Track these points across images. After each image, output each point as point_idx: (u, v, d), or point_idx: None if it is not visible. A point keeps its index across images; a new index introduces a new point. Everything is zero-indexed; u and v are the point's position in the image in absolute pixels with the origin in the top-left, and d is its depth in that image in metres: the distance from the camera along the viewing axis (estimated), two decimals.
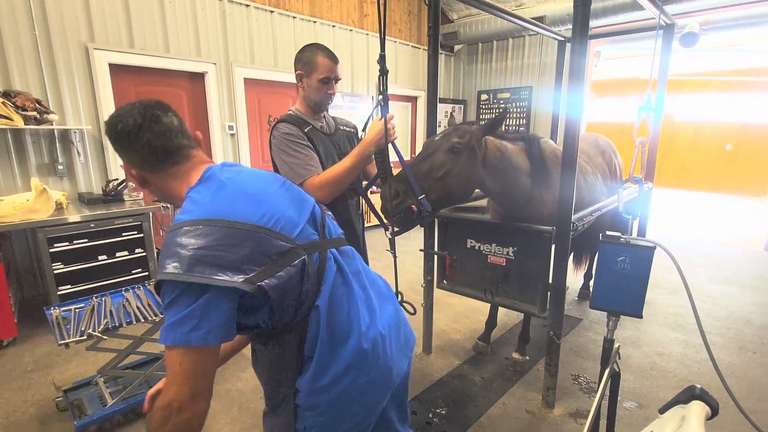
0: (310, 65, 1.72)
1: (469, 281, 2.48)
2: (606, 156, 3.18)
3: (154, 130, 0.93)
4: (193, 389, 0.80)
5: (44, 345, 2.90)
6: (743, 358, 2.78)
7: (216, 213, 0.85)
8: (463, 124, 2.00)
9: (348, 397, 0.97)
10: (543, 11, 5.62)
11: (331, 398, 0.96)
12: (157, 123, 0.94)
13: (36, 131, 3.44)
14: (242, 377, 2.55)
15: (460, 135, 1.90)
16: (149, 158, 0.95)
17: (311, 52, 1.73)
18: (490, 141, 2.04)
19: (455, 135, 1.90)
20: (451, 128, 1.95)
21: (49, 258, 2.96)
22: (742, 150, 9.45)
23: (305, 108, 1.82)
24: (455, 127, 1.96)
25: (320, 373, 0.95)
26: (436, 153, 1.86)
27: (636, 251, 1.20)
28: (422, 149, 1.93)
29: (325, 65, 1.70)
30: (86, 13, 3.59)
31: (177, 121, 0.98)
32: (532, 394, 2.39)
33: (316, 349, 0.94)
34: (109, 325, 1.95)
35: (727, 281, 4.19)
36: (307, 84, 1.75)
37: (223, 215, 0.85)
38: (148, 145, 0.93)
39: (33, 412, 2.22)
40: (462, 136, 1.90)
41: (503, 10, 2.80)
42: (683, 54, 6.29)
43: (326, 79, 1.72)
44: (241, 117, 4.77)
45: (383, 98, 1.59)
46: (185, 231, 0.82)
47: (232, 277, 0.80)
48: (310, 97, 1.77)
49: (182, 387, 0.79)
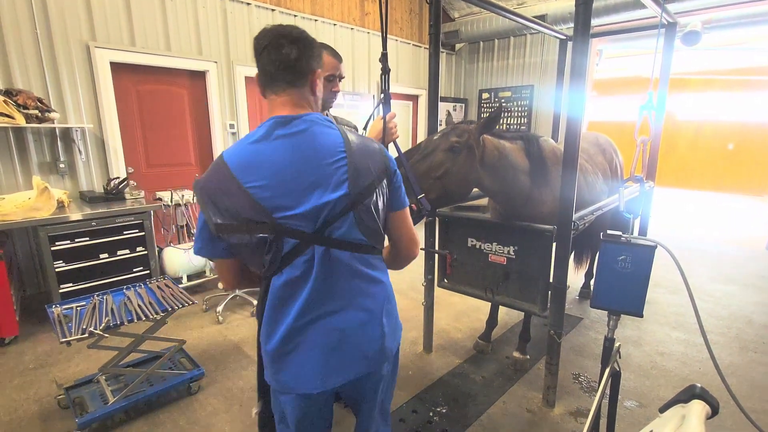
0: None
1: (470, 280, 2.48)
2: (607, 155, 3.18)
3: (270, 56, 1.01)
4: (220, 278, 1.15)
5: (46, 343, 2.91)
6: (744, 358, 2.78)
7: (231, 159, 0.99)
8: (462, 123, 2.00)
9: (284, 377, 1.06)
10: (545, 10, 5.61)
11: (273, 368, 1.06)
12: (275, 51, 1.00)
13: (37, 130, 3.44)
14: (243, 375, 2.56)
15: (458, 134, 1.90)
16: (260, 78, 1.07)
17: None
18: (488, 140, 2.04)
19: (454, 134, 1.90)
20: (449, 127, 1.95)
21: (51, 256, 2.97)
22: (743, 149, 9.42)
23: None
24: (453, 126, 1.96)
25: (266, 337, 1.06)
26: (435, 152, 1.86)
27: (637, 250, 1.20)
28: (421, 148, 1.93)
29: (330, 63, 1.71)
30: (87, 11, 3.59)
31: (295, 55, 1.01)
32: (532, 393, 2.39)
33: (264, 312, 1.05)
34: (111, 323, 1.95)
35: (728, 280, 4.19)
36: None
37: (233, 165, 0.98)
38: (261, 68, 1.04)
39: (35, 410, 2.23)
40: (460, 135, 1.90)
41: (505, 8, 2.79)
42: (685, 53, 6.27)
43: (331, 77, 1.73)
44: (242, 116, 4.77)
45: (384, 97, 1.60)
46: (215, 160, 1.02)
47: (212, 215, 0.98)
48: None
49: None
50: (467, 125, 1.96)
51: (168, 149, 4.37)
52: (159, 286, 2.40)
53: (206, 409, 2.25)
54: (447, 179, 1.86)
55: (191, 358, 2.51)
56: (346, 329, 1.05)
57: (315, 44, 1.07)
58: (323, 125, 1.05)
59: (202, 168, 4.65)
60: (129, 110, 4.02)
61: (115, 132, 3.87)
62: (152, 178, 4.28)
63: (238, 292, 3.56)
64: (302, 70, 1.04)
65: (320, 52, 1.11)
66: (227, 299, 3.47)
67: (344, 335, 1.05)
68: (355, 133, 1.11)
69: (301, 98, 1.06)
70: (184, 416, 2.19)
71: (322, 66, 1.13)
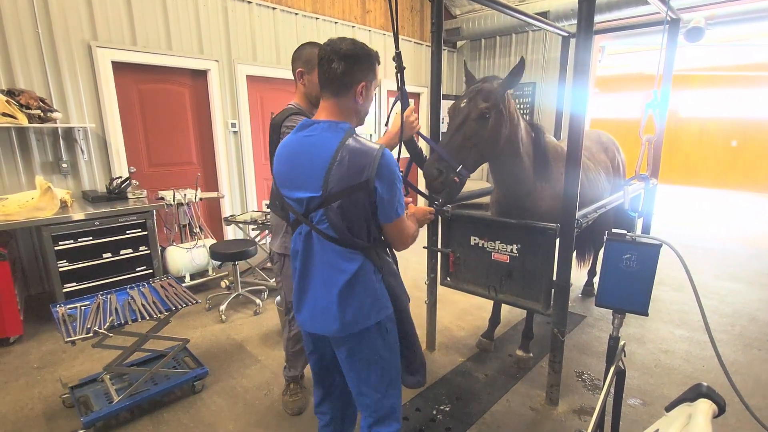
0: (311, 62, 1.80)
1: (473, 278, 2.48)
2: (609, 153, 3.17)
3: (323, 68, 1.24)
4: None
5: (50, 342, 2.92)
6: (748, 355, 2.77)
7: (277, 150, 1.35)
8: (485, 81, 1.97)
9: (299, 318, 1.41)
10: (547, 6, 5.58)
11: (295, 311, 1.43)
12: (327, 65, 1.22)
13: (40, 129, 3.45)
14: (247, 374, 2.56)
15: (485, 98, 1.89)
16: (318, 84, 1.29)
17: (310, 50, 1.80)
18: (509, 99, 2.04)
19: (481, 99, 1.89)
20: (473, 90, 1.93)
21: (54, 256, 2.98)
22: (747, 146, 9.38)
23: (306, 104, 1.89)
24: (478, 89, 1.93)
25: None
26: (466, 122, 1.89)
27: (642, 249, 1.20)
28: (450, 117, 1.96)
29: None
30: (89, 11, 3.59)
31: (341, 70, 1.21)
32: (535, 391, 2.39)
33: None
34: (115, 322, 1.96)
35: (732, 278, 4.17)
36: (308, 80, 1.84)
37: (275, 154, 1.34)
38: (318, 77, 1.28)
39: (40, 409, 2.24)
40: (487, 98, 1.89)
41: (507, 5, 2.77)
42: (688, 49, 6.23)
43: None
44: (243, 114, 4.76)
45: (401, 94, 1.66)
46: None
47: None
48: (312, 93, 1.85)
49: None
50: (491, 84, 1.94)
51: (170, 148, 4.37)
52: (162, 285, 2.40)
53: (210, 408, 2.26)
54: (482, 144, 1.92)
55: (195, 357, 2.52)
56: (317, 297, 1.33)
57: (364, 58, 1.24)
58: (331, 133, 1.23)
59: (204, 167, 4.66)
60: (131, 109, 4.02)
61: (117, 131, 3.88)
62: (154, 177, 4.29)
63: (241, 290, 3.56)
64: (346, 83, 1.23)
65: (370, 65, 1.27)
66: (230, 298, 3.47)
67: (316, 300, 1.33)
68: (357, 146, 1.20)
69: (340, 107, 1.26)
70: (188, 415, 2.20)
71: (374, 76, 1.30)
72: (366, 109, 1.33)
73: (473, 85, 2.00)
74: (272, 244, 2.04)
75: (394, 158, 1.24)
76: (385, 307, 1.33)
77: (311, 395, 2.36)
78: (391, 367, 1.40)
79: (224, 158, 4.70)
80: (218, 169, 4.70)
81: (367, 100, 1.30)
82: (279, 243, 1.99)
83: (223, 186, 4.74)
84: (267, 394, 2.38)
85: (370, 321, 1.31)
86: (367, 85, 1.27)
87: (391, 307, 1.36)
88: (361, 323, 1.30)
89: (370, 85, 1.29)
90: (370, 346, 1.34)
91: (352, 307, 1.28)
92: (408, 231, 1.34)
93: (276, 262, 2.05)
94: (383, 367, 1.38)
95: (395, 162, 1.24)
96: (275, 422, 2.16)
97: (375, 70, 1.29)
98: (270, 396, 2.36)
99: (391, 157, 1.22)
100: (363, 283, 1.29)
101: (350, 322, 1.28)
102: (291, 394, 2.26)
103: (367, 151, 1.19)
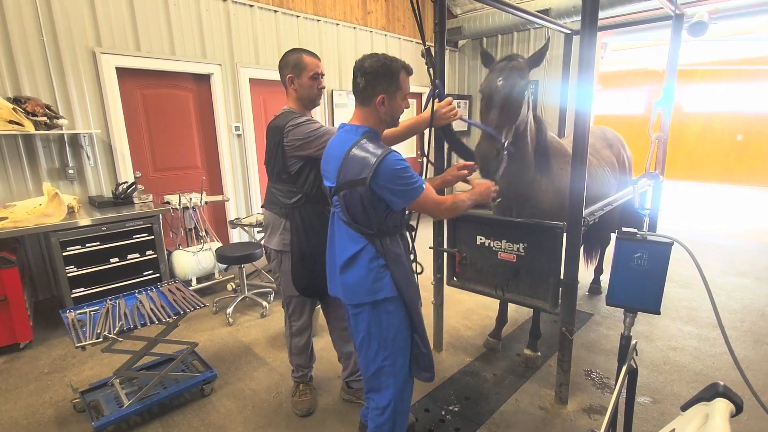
0: (298, 66, 1.90)
1: (480, 278, 2.47)
2: (614, 149, 3.15)
3: (352, 82, 1.52)
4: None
5: (59, 347, 2.94)
6: (758, 351, 2.75)
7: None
8: (512, 59, 1.99)
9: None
10: (548, 4, 5.56)
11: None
12: (354, 79, 1.50)
13: (46, 136, 3.47)
14: (255, 377, 2.57)
15: (520, 74, 1.92)
16: None
17: (296, 55, 1.91)
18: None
19: (517, 76, 1.91)
20: (505, 69, 1.94)
21: (63, 261, 3.00)
22: (753, 140, 9.30)
23: (299, 107, 1.96)
24: (511, 66, 1.94)
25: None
26: (509, 102, 1.91)
27: (653, 247, 1.19)
28: (486, 99, 1.97)
29: (312, 63, 1.91)
30: (93, 17, 3.62)
31: (362, 84, 1.47)
32: (544, 390, 2.38)
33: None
34: (124, 327, 1.97)
35: (740, 273, 4.14)
36: (299, 84, 1.91)
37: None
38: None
39: (51, 414, 2.25)
40: (522, 75, 1.93)
41: (508, 3, 2.76)
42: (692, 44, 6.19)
43: (315, 75, 1.91)
44: (247, 117, 4.78)
45: (433, 87, 1.77)
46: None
47: None
48: (305, 95, 1.94)
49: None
50: (518, 62, 1.97)
51: (174, 152, 4.39)
52: (170, 289, 2.41)
53: (219, 411, 2.26)
54: (515, 121, 1.96)
55: (203, 360, 2.52)
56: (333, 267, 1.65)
57: (383, 74, 1.45)
58: (351, 135, 1.50)
59: (209, 171, 4.67)
60: (135, 115, 4.05)
61: (122, 137, 3.90)
62: (160, 181, 4.31)
63: (248, 293, 3.57)
64: (367, 96, 1.48)
65: (390, 79, 1.46)
66: (237, 301, 3.48)
67: (332, 269, 1.68)
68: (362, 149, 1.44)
69: (365, 115, 1.53)
70: (197, 418, 2.21)
71: (396, 88, 1.48)
72: (392, 115, 1.54)
73: (497, 63, 2.01)
74: (269, 242, 2.04)
75: (395, 161, 1.40)
76: (381, 290, 1.51)
77: (320, 396, 2.37)
78: (388, 347, 1.58)
79: (228, 162, 4.71)
80: (223, 172, 4.72)
81: (390, 109, 1.50)
82: (277, 240, 1.99)
83: (228, 189, 4.75)
84: (276, 396, 2.38)
85: (367, 298, 1.52)
86: (388, 97, 1.47)
87: (390, 292, 1.51)
88: (360, 297, 1.54)
89: (393, 96, 1.49)
90: (367, 320, 1.56)
91: (351, 281, 1.54)
92: (432, 203, 1.52)
93: (274, 259, 2.05)
94: (380, 344, 1.58)
95: (397, 163, 1.40)
96: (284, 423, 2.16)
97: (397, 83, 1.48)
98: (279, 398, 2.37)
99: (390, 162, 1.39)
100: (361, 263, 1.52)
101: (350, 293, 1.56)
102: (300, 395, 2.26)
103: (369, 155, 1.40)
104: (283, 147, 1.84)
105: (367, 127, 1.50)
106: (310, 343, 2.27)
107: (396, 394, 1.62)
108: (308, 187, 1.91)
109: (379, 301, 1.52)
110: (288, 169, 1.87)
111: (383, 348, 1.58)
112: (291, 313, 2.16)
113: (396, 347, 1.58)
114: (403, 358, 1.60)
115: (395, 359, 1.59)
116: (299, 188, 1.91)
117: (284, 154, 1.85)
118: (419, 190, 1.45)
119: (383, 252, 1.51)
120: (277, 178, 1.94)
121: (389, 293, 1.51)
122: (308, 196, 1.92)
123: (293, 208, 1.93)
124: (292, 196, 1.92)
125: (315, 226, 1.95)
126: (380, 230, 1.51)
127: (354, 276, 1.53)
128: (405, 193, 1.44)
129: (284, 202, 1.93)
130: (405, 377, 1.64)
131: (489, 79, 1.99)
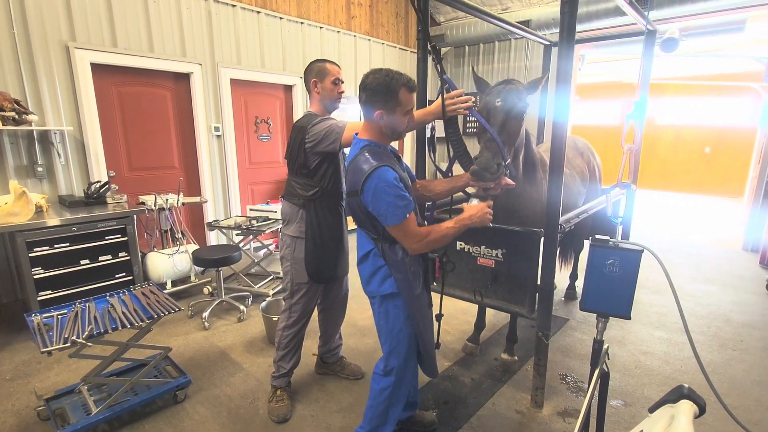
0: (322, 72, 2.10)
1: (459, 283, 2.50)
2: (585, 157, 3.25)
3: (359, 94, 1.60)
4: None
5: (23, 352, 2.81)
6: (723, 356, 2.86)
7: None
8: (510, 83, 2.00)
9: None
10: (529, 15, 5.70)
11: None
12: (358, 95, 1.61)
13: (14, 132, 3.34)
14: (231, 382, 2.52)
15: (518, 96, 1.94)
16: None
17: (320, 64, 2.13)
18: None
19: (516, 97, 1.93)
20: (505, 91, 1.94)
21: (29, 263, 2.87)
22: (720, 153, 9.72)
23: (321, 110, 2.13)
24: (509, 89, 1.96)
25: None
26: (509, 120, 1.93)
27: (624, 254, 1.23)
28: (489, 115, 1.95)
29: (333, 69, 2.12)
30: (67, 11, 3.51)
31: (363, 99, 1.57)
32: (521, 394, 2.41)
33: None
34: (94, 331, 1.90)
35: (708, 280, 4.31)
36: (322, 87, 2.10)
37: None
38: None
39: (13, 422, 2.15)
40: (521, 98, 1.95)
41: (489, 13, 2.82)
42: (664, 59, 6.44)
43: (336, 80, 2.12)
44: (227, 118, 4.71)
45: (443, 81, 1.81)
46: None
47: None
48: (326, 98, 2.12)
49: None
50: (515, 86, 1.98)
51: (151, 152, 4.29)
52: (143, 292, 2.34)
53: (193, 418, 2.21)
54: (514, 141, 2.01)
55: (177, 365, 2.46)
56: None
57: (381, 91, 1.51)
58: (355, 147, 1.65)
59: (187, 171, 4.58)
60: (110, 112, 3.93)
61: (96, 135, 3.78)
62: (135, 181, 4.20)
63: (225, 297, 3.51)
64: (368, 110, 1.58)
65: (388, 95, 1.52)
66: (213, 305, 3.41)
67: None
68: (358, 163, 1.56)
69: (368, 126, 1.63)
70: (170, 425, 2.15)
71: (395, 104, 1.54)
72: (393, 129, 1.60)
73: (494, 87, 2.02)
74: (286, 230, 2.19)
75: (384, 177, 1.48)
76: (384, 287, 1.67)
77: (297, 402, 2.34)
78: (391, 340, 1.73)
79: (207, 163, 4.63)
80: (201, 173, 4.63)
81: (390, 123, 1.57)
82: (294, 227, 2.14)
83: (206, 191, 4.66)
84: (252, 402, 2.34)
85: (376, 292, 1.71)
86: (386, 113, 1.54)
87: (389, 290, 1.67)
88: (370, 290, 1.74)
89: (391, 112, 1.54)
90: (378, 309, 1.75)
91: (365, 275, 1.75)
92: (408, 235, 1.55)
93: (288, 246, 2.17)
94: (385, 334, 1.74)
95: (385, 180, 1.48)
96: (261, 430, 2.13)
97: (396, 99, 1.52)
98: (255, 404, 2.32)
99: (378, 178, 1.47)
100: (370, 261, 1.70)
101: (365, 283, 1.77)
102: (276, 401, 2.23)
103: (360, 169, 1.53)
104: (305, 144, 1.99)
105: (368, 141, 1.61)
106: (299, 340, 2.29)
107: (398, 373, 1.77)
108: (325, 182, 2.07)
109: (386, 295, 1.69)
110: (308, 164, 2.03)
111: (390, 337, 1.74)
112: (295, 301, 2.21)
113: (400, 339, 1.73)
114: (409, 349, 1.76)
115: (401, 350, 1.74)
116: (316, 182, 2.07)
117: (305, 151, 2.01)
118: (400, 217, 1.49)
119: (385, 256, 1.66)
120: (298, 172, 2.09)
121: (387, 290, 1.68)
122: (324, 191, 2.08)
123: (310, 200, 2.09)
124: (309, 189, 2.08)
125: (327, 218, 2.12)
126: (383, 236, 1.63)
127: (366, 271, 1.73)
128: (385, 213, 1.50)
129: (302, 194, 2.09)
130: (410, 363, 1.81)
131: (487, 101, 1.99)
